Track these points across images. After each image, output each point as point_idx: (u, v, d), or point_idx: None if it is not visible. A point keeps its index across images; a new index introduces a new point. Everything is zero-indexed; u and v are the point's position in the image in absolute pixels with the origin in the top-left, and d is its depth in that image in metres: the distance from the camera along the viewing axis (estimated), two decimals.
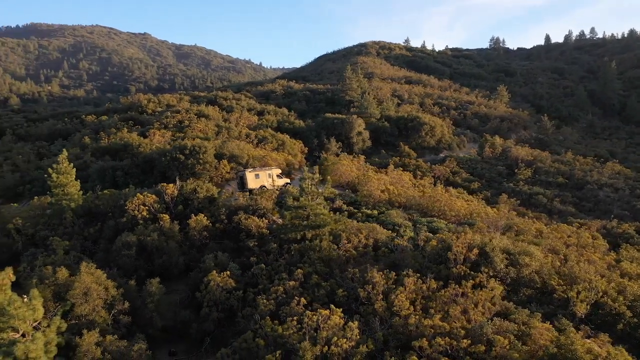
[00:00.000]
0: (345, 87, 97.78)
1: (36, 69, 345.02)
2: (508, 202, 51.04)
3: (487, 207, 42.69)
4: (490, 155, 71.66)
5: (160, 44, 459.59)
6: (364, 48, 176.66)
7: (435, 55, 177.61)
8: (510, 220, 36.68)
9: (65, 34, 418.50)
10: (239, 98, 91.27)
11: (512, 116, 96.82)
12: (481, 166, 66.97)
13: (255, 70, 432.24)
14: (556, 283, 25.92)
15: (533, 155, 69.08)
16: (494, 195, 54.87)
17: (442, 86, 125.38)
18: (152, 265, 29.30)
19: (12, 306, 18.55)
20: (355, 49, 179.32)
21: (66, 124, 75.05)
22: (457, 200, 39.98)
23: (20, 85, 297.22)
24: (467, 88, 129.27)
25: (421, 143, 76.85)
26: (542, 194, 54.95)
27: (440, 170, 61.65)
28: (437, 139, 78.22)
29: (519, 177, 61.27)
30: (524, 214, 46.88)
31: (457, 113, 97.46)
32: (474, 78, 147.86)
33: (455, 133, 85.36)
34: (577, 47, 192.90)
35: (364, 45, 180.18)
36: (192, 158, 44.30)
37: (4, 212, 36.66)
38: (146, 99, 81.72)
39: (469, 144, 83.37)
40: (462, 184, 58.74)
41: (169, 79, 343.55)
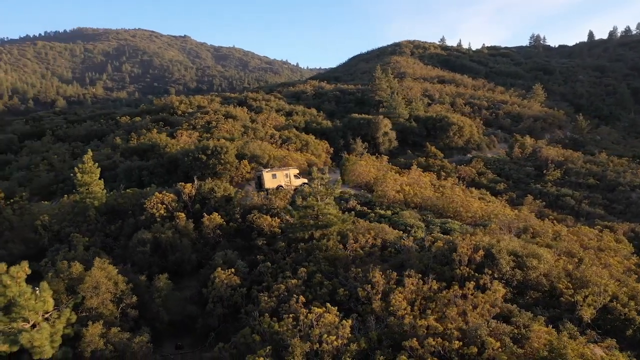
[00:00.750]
0: (375, 88, 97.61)
1: (82, 72, 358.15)
2: (533, 203, 50.07)
3: (507, 209, 41.98)
4: (519, 155, 70.23)
5: (200, 46, 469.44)
6: (398, 47, 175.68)
7: (471, 54, 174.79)
8: (527, 222, 36.00)
9: (110, 38, 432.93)
10: (269, 99, 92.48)
11: (547, 116, 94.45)
12: (509, 167, 65.73)
13: (292, 71, 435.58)
14: (564, 286, 25.41)
15: (564, 155, 67.28)
16: (520, 197, 53.87)
17: (476, 85, 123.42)
18: (166, 261, 30.33)
19: (22, 297, 19.73)
20: (389, 48, 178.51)
21: (102, 125, 77.95)
22: (474, 202, 39.50)
23: (67, 87, 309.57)
24: (502, 87, 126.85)
25: (449, 143, 76.02)
26: (570, 196, 53.54)
27: (466, 171, 60.88)
28: (466, 139, 77.18)
29: (547, 178, 59.87)
30: (548, 216, 45.88)
31: (489, 113, 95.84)
32: (511, 77, 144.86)
33: (486, 133, 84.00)
34: (621, 43, 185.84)
35: (398, 45, 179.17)
36: (213, 158, 45.40)
37: (34, 209, 38.63)
38: (178, 101, 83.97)
39: (499, 144, 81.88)
40: (487, 185, 57.91)
41: (208, 80, 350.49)
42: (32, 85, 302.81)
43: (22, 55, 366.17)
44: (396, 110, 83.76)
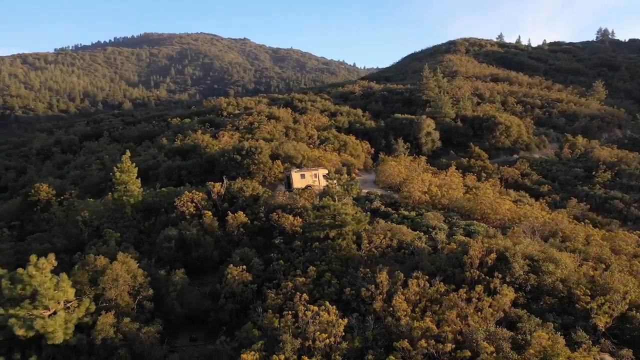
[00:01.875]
0: (422, 87, 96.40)
1: (147, 75, 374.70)
2: (577, 206, 48.03)
3: (543, 212, 40.55)
4: (569, 156, 67.21)
5: (258, 48, 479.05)
6: (452, 46, 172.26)
7: (530, 51, 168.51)
8: (558, 226, 34.67)
9: (173, 42, 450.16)
10: (315, 100, 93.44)
11: (605, 114, 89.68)
12: (556, 168, 63.09)
13: (348, 71, 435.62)
14: (582, 293, 24.45)
15: (618, 156, 63.75)
16: (564, 199, 51.74)
17: (532, 83, 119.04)
18: (189, 257, 31.69)
19: (42, 287, 21.41)
20: (443, 47, 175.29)
21: (154, 127, 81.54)
22: (505, 204, 38.41)
23: (133, 90, 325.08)
24: (560, 85, 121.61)
25: (495, 143, 73.96)
26: (619, 199, 50.81)
27: (509, 172, 59.10)
28: (513, 139, 74.77)
29: (597, 180, 57.02)
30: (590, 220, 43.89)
31: (542, 112, 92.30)
32: (571, 74, 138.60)
33: (536, 133, 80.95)
34: None
35: (453, 43, 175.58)
36: (247, 158, 46.65)
37: (77, 206, 41.28)
38: (225, 102, 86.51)
39: (550, 144, 78.73)
40: (530, 187, 56.01)
41: (265, 81, 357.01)
42: (101, 88, 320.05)
43: (94, 60, 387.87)
44: (442, 110, 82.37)
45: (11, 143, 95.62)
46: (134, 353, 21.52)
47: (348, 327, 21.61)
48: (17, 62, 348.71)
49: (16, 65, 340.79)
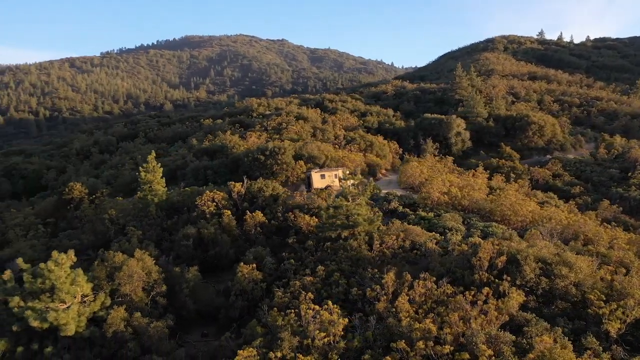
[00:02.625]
0: (455, 86, 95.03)
1: (187, 77, 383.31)
2: (608, 209, 46.44)
3: (570, 214, 39.45)
4: (604, 156, 64.92)
5: (296, 48, 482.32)
6: (490, 43, 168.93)
7: (572, 48, 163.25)
8: (582, 228, 33.70)
9: (213, 44, 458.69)
10: (345, 100, 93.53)
11: None
12: (591, 169, 61.06)
13: (386, 71, 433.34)
14: (596, 297, 23.78)
15: None
16: (595, 201, 50.08)
17: (571, 81, 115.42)
18: (206, 255, 32.47)
19: (59, 281, 22.49)
20: (481, 45, 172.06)
21: (187, 127, 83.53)
22: (528, 205, 37.56)
23: (174, 92, 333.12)
24: (602, 82, 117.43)
25: (528, 143, 72.22)
26: None
27: (540, 173, 57.63)
28: (547, 139, 72.78)
29: (632, 182, 54.88)
30: (624, 223, 42.41)
31: (580, 110, 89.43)
32: (615, 70, 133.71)
33: (572, 132, 78.49)
34: None
35: (491, 41, 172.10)
36: (271, 159, 47.30)
37: (105, 204, 42.90)
38: (257, 103, 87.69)
39: (587, 144, 76.20)
40: (561, 188, 54.47)
41: (302, 82, 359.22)
42: (143, 90, 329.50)
43: (137, 63, 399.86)
44: (474, 110, 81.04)
45: (54, 144, 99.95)
46: (143, 346, 22.32)
47: (351, 327, 21.81)
48: (65, 66, 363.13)
49: (64, 69, 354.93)
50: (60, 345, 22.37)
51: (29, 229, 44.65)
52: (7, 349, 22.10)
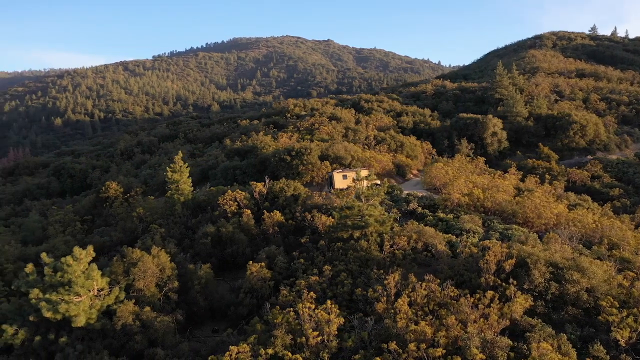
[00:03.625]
0: (495, 85, 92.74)
1: (235, 78, 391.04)
2: None
3: (600, 217, 37.92)
4: None
5: (342, 49, 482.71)
6: (538, 40, 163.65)
7: (627, 43, 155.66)
8: (606, 232, 32.38)
9: (260, 46, 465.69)
10: (382, 100, 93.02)
11: None
12: (634, 170, 58.25)
13: (433, 70, 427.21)
14: (608, 304, 22.93)
15: None
16: (635, 204, 47.85)
17: (622, 78, 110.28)
18: (224, 253, 33.29)
19: (74, 275, 23.74)
20: (528, 42, 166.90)
21: (224, 128, 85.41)
22: (555, 207, 36.36)
23: (221, 93, 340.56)
24: None
25: (568, 144, 69.65)
26: None
27: (577, 175, 55.52)
28: (589, 139, 69.98)
29: None
30: None
31: (629, 109, 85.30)
32: None
33: (619, 132, 75.07)
34: None
35: (539, 37, 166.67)
36: (296, 159, 47.83)
37: (135, 202, 44.62)
38: (293, 104, 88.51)
39: (635, 144, 72.76)
40: (599, 190, 52.30)
41: (348, 82, 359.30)
42: (192, 92, 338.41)
43: (186, 65, 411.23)
44: (514, 109, 78.87)
45: (102, 144, 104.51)
46: (150, 339, 23.25)
47: (351, 327, 21.96)
48: (119, 70, 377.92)
49: (119, 72, 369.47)
50: (74, 335, 23.62)
51: (67, 225, 46.98)
52: (26, 337, 23.53)
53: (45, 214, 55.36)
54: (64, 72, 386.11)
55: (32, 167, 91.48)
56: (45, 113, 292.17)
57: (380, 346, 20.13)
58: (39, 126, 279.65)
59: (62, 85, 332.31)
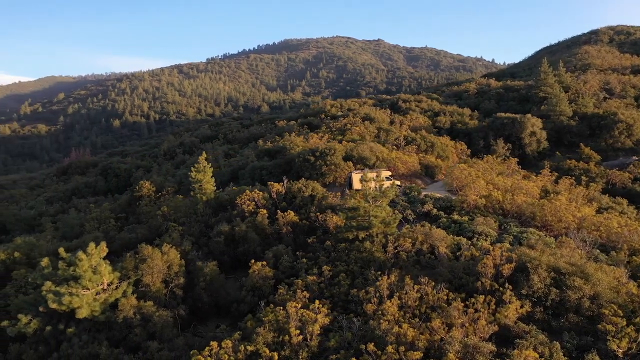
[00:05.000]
0: (540, 83, 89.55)
1: (285, 79, 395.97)
2: None
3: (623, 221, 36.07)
4: None
5: (392, 48, 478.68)
6: (594, 35, 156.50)
7: None
8: (632, 238, 30.80)
9: (310, 47, 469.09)
10: (420, 100, 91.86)
11: None
12: None
13: (486, 68, 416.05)
14: (611, 312, 21.96)
15: None
16: None
17: None
18: (236, 252, 34.10)
19: (81, 269, 25.11)
20: (583, 37, 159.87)
21: (262, 129, 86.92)
22: (574, 211, 34.88)
23: (271, 94, 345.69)
24: None
25: (613, 144, 66.33)
26: None
27: (617, 176, 52.89)
28: (637, 139, 66.34)
29: None
30: None
31: None
32: None
33: None
34: None
35: (595, 32, 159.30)
36: (320, 160, 48.17)
37: (161, 201, 46.28)
38: (330, 104, 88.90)
39: None
40: None
41: (397, 81, 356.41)
42: (243, 93, 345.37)
43: (238, 67, 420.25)
44: (557, 108, 75.96)
45: (148, 145, 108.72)
46: (149, 332, 24.26)
47: (339, 327, 22.10)
48: (174, 72, 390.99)
49: (173, 75, 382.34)
50: (81, 327, 25.00)
51: (102, 222, 49.37)
52: (38, 327, 25.11)
53: (86, 211, 58.36)
54: (123, 75, 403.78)
55: (84, 166, 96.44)
56: (104, 115, 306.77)
57: (358, 348, 20.19)
58: (99, 127, 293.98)
59: (121, 88, 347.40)
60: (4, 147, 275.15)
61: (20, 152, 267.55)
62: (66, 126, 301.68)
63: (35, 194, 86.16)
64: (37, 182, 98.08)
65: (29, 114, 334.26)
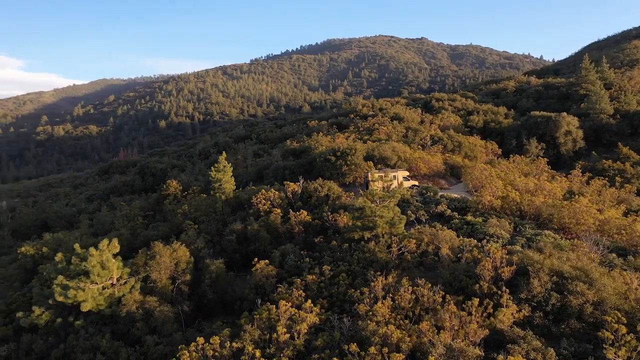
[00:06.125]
0: (580, 80, 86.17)
1: (327, 79, 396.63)
2: None
3: None
4: None
5: (436, 46, 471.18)
6: None
7: None
8: None
9: (352, 47, 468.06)
10: (454, 99, 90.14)
11: None
12: None
13: (534, 65, 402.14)
14: (614, 319, 21.00)
15: None
16: None
17: None
18: (247, 250, 34.60)
19: (89, 265, 26.15)
20: (633, 32, 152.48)
21: (293, 129, 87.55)
22: (604, 213, 33.43)
23: (312, 94, 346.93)
24: None
25: None
26: None
27: None
28: None
29: None
30: None
31: None
32: None
33: None
34: None
35: None
36: (341, 159, 48.16)
37: (183, 200, 47.41)
38: (362, 104, 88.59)
39: None
40: None
41: (440, 80, 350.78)
42: (285, 94, 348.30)
43: (280, 68, 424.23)
44: (597, 106, 72.91)
45: (185, 145, 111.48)
46: (150, 327, 25.02)
47: (331, 327, 22.12)
48: (218, 74, 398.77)
49: (217, 76, 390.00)
50: (89, 320, 26.06)
51: (131, 220, 51.08)
52: (49, 319, 26.35)
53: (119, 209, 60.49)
54: (170, 77, 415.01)
55: (124, 166, 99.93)
56: (151, 116, 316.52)
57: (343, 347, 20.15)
58: (146, 128, 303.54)
59: (167, 90, 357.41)
60: (58, 147, 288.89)
61: (73, 152, 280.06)
62: (115, 127, 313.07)
63: (78, 192, 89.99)
64: (80, 180, 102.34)
65: (82, 116, 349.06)
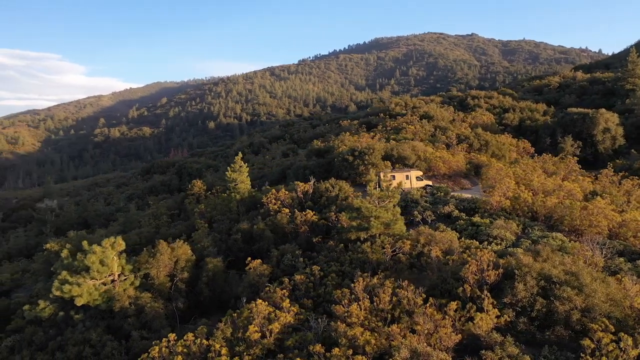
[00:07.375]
0: (627, 74, 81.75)
1: (374, 78, 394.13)
2: None
3: None
4: None
5: (487, 42, 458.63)
6: None
7: None
8: None
9: (400, 45, 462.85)
10: (491, 96, 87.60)
11: None
12: None
13: (591, 59, 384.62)
14: (601, 328, 19.95)
15: None
16: None
17: None
18: (252, 248, 35.01)
19: (89, 261, 27.27)
20: None
21: (326, 129, 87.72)
22: (610, 214, 31.59)
23: (359, 94, 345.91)
24: None
25: None
26: None
27: None
28: None
29: None
30: None
31: None
32: None
33: None
34: None
35: None
36: (358, 159, 47.90)
37: (203, 200, 48.46)
38: (395, 103, 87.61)
39: None
40: None
41: (491, 77, 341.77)
42: (331, 93, 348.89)
43: (327, 68, 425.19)
44: None
45: (223, 145, 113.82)
46: (142, 322, 25.80)
47: (309, 327, 22.11)
48: (266, 75, 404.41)
49: (265, 77, 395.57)
50: (88, 314, 27.19)
51: (156, 218, 52.80)
52: (52, 312, 27.67)
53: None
54: (219, 79, 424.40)
55: (165, 166, 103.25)
56: (201, 117, 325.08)
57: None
58: (196, 129, 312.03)
59: (217, 91, 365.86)
60: (113, 148, 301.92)
61: (127, 153, 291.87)
62: (167, 128, 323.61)
63: (120, 192, 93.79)
64: (124, 180, 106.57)
65: (136, 118, 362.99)
